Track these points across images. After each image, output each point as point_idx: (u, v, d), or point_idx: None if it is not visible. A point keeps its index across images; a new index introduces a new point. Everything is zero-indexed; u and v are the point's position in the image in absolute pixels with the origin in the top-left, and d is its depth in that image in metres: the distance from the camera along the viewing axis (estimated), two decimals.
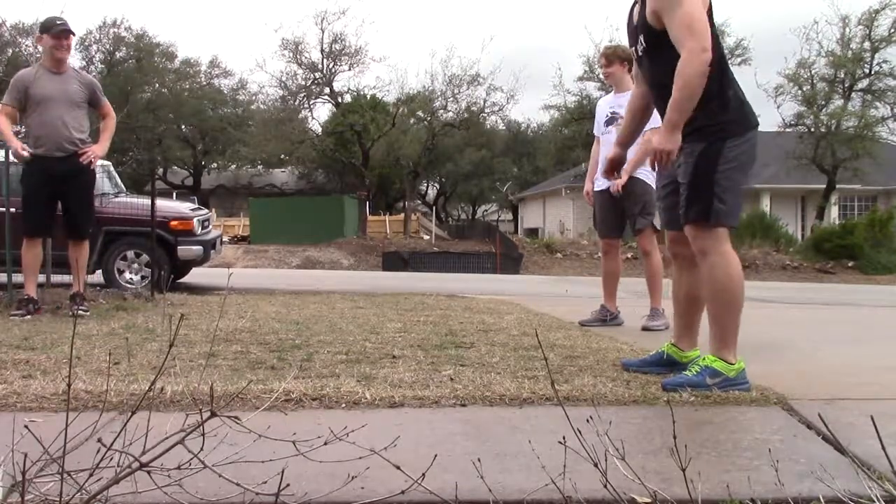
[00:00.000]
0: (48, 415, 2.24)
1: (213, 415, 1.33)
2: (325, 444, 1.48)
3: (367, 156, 27.90)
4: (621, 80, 4.99)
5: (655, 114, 3.36)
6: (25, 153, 4.87)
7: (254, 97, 34.84)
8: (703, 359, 2.78)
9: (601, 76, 23.12)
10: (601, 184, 5.02)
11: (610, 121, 4.99)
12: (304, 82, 28.67)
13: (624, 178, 4.77)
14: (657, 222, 5.00)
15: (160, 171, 35.14)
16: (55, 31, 4.96)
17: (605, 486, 1.40)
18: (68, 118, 4.97)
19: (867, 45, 22.94)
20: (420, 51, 69.07)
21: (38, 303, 4.97)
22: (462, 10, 74.39)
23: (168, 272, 7.71)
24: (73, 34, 5.09)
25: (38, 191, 4.98)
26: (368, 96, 29.70)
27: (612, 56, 5.02)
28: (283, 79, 28.37)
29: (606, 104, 5.11)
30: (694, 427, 2.24)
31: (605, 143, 5.02)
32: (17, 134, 5.19)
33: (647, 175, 4.92)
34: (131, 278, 7.95)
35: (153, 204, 6.83)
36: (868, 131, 22.73)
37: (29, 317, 4.73)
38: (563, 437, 1.44)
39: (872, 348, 4.29)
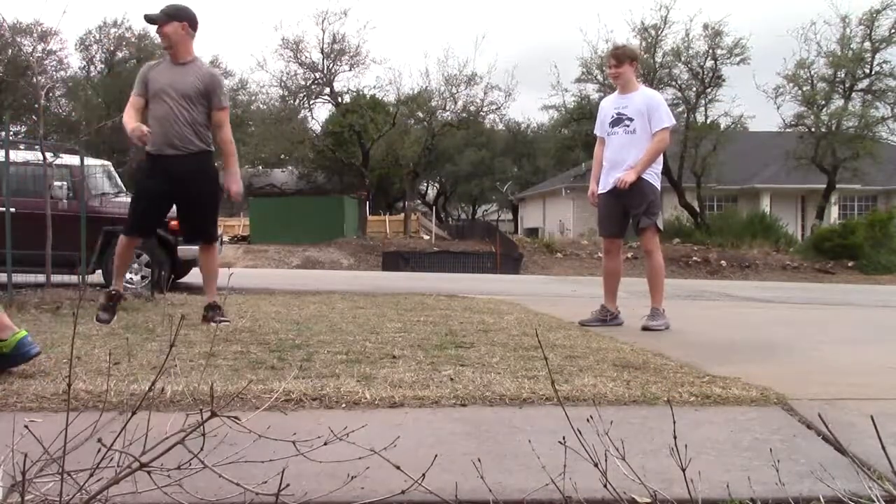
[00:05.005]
0: (48, 415, 2.24)
1: (213, 415, 1.33)
2: (325, 444, 1.48)
3: (367, 156, 27.89)
4: (629, 80, 4.99)
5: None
6: (145, 138, 4.34)
7: (254, 97, 34.80)
8: None
9: (600, 77, 23.28)
10: (605, 185, 5.01)
11: (616, 122, 4.97)
12: (304, 82, 28.66)
13: (633, 176, 4.78)
14: (660, 222, 5.02)
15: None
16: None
17: (605, 486, 1.40)
18: (181, 113, 4.47)
19: (867, 45, 22.92)
20: (419, 51, 68.92)
21: (123, 297, 4.77)
22: (460, 11, 74.39)
23: (168, 272, 7.71)
24: (160, 21, 4.50)
25: (147, 189, 4.59)
26: (368, 96, 29.69)
27: (622, 56, 5.00)
28: (283, 79, 28.36)
29: (611, 105, 5.07)
30: (694, 427, 2.24)
31: (611, 145, 5.01)
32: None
33: (654, 176, 4.93)
34: (131, 278, 7.95)
35: None
36: (868, 131, 22.71)
37: (115, 317, 4.53)
38: (563, 437, 1.44)
39: (872, 348, 4.29)
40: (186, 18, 4.58)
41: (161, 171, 4.52)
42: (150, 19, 4.60)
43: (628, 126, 4.90)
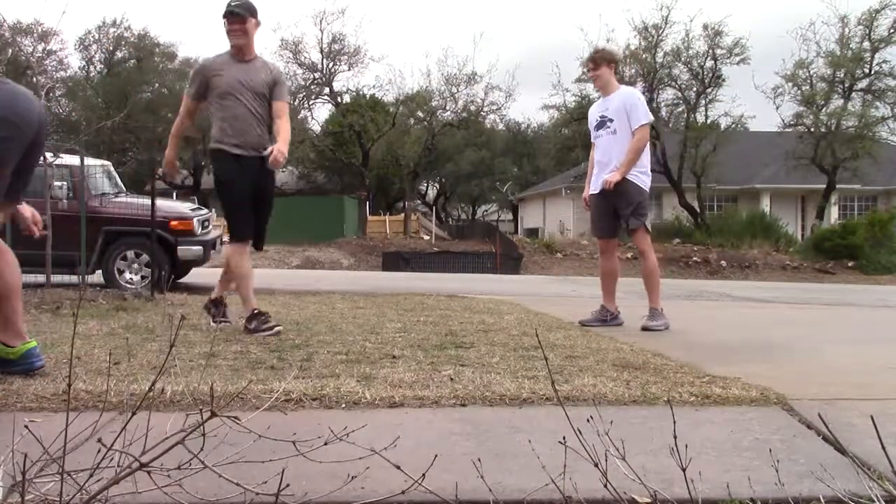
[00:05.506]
0: (48, 415, 2.24)
1: (213, 415, 1.32)
2: (325, 444, 1.48)
3: (367, 156, 27.89)
4: (608, 82, 5.03)
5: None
6: (174, 179, 4.47)
7: None
8: None
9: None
10: (595, 186, 5.06)
11: (600, 125, 5.05)
12: (303, 82, 28.65)
13: (617, 177, 4.82)
14: (648, 223, 5.05)
15: (160, 171, 35.09)
16: (224, 13, 4.30)
17: (606, 486, 1.40)
18: (258, 112, 4.37)
19: (867, 44, 22.92)
20: (419, 51, 69.03)
21: (268, 316, 4.28)
22: (460, 11, 74.45)
23: (168, 272, 7.71)
24: (245, 18, 4.28)
25: (241, 190, 4.35)
26: (368, 96, 29.69)
27: (599, 59, 5.05)
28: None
29: (596, 109, 5.17)
30: (694, 427, 2.24)
31: (598, 147, 5.10)
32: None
33: (640, 177, 4.95)
34: (131, 278, 7.95)
35: (153, 204, 6.84)
36: (868, 131, 22.69)
37: (280, 327, 4.19)
38: (563, 437, 1.44)
39: (872, 348, 4.29)
40: (257, 15, 4.43)
41: (242, 169, 4.35)
42: (232, 13, 4.28)
43: (609, 127, 4.96)
